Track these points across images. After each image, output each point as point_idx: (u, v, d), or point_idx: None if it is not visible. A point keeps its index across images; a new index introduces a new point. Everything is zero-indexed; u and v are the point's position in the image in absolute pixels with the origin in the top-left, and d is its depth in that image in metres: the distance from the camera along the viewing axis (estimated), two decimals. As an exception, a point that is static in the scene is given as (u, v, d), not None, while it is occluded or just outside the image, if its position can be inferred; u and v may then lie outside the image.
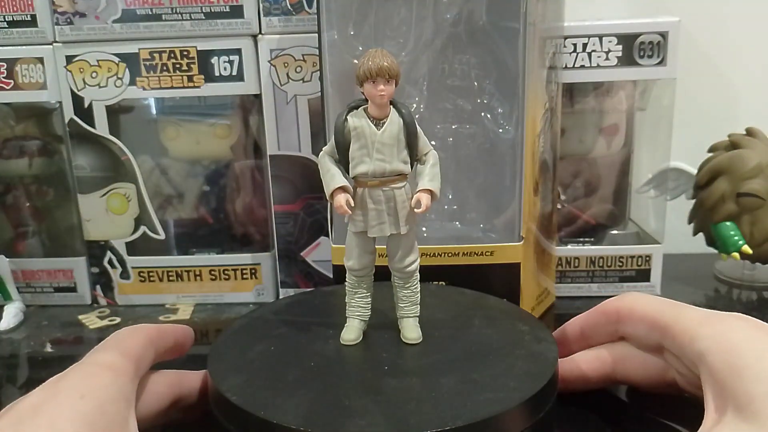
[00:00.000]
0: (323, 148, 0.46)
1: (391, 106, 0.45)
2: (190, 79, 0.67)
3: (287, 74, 0.66)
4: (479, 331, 0.50)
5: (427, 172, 0.46)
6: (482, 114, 0.60)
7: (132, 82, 0.67)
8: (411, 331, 0.48)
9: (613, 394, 0.54)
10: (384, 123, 0.45)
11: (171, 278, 0.72)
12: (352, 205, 0.45)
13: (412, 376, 0.44)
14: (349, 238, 0.48)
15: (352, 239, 0.47)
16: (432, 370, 0.45)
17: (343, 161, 0.45)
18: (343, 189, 0.44)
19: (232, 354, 0.48)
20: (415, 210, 0.45)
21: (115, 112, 0.69)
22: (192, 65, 0.66)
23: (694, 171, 0.72)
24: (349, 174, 0.45)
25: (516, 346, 0.48)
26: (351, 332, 0.48)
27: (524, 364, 0.45)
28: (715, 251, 0.71)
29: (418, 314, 0.49)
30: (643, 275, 0.71)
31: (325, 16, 0.58)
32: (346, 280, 0.49)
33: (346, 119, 0.45)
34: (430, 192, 0.45)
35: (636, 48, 0.65)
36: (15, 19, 0.66)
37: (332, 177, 0.45)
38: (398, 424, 0.39)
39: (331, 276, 0.64)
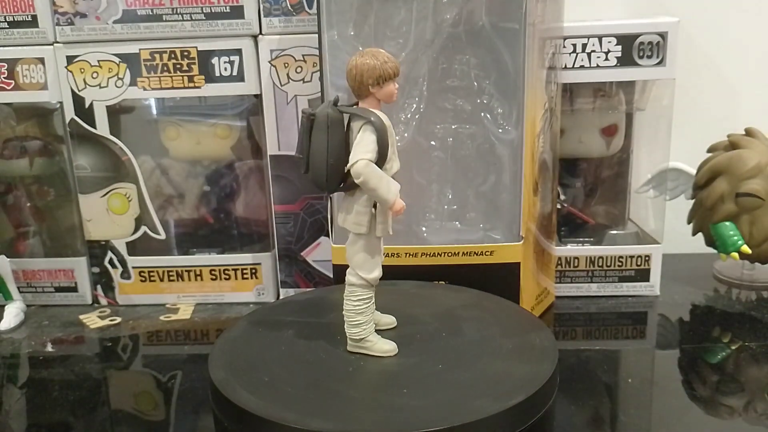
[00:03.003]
0: (364, 157, 0.43)
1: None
2: (190, 79, 0.67)
3: (287, 75, 0.66)
4: (479, 330, 0.50)
5: None
6: (482, 114, 0.60)
7: (133, 83, 0.67)
8: (385, 316, 0.51)
9: (612, 393, 0.54)
10: None
11: (171, 278, 0.72)
12: None
13: (413, 375, 0.45)
14: (371, 247, 0.46)
15: (376, 246, 0.46)
16: (432, 368, 0.45)
17: (379, 164, 0.44)
18: None
19: (233, 354, 0.48)
20: None
21: (115, 112, 0.69)
22: (192, 66, 0.67)
23: (694, 171, 0.72)
24: None
25: (516, 345, 0.48)
26: (387, 342, 0.48)
27: (524, 362, 0.45)
28: (715, 251, 0.71)
29: None
30: (643, 275, 0.71)
31: (325, 17, 0.58)
32: (360, 298, 0.47)
33: (383, 121, 0.44)
34: None
35: (635, 48, 0.65)
36: (16, 19, 0.67)
37: (390, 181, 0.44)
38: (400, 423, 0.39)
39: (331, 276, 0.64)
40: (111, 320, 0.70)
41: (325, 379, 0.44)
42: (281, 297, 0.72)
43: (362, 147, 0.43)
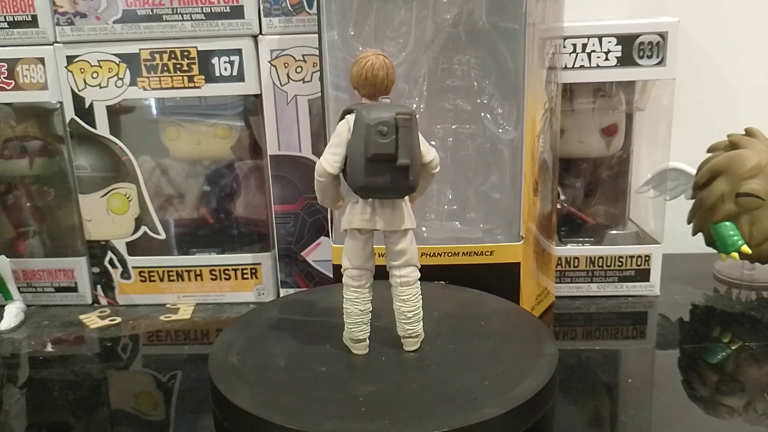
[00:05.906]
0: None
1: None
2: (190, 79, 0.67)
3: (287, 75, 0.66)
4: (479, 331, 0.50)
5: None
6: (482, 114, 0.60)
7: (133, 83, 0.67)
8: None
9: (612, 393, 0.54)
10: None
11: (172, 278, 0.72)
12: None
13: (414, 377, 0.45)
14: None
15: None
16: (433, 370, 0.45)
17: None
18: None
19: (233, 354, 0.48)
20: None
21: (115, 112, 0.69)
22: (192, 65, 0.67)
23: (694, 171, 0.72)
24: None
25: (515, 346, 0.48)
26: None
27: (524, 363, 0.45)
28: (715, 251, 0.72)
29: None
30: (643, 275, 0.71)
31: (325, 17, 0.58)
32: (420, 290, 0.47)
33: None
34: None
35: (635, 48, 0.65)
36: (16, 19, 0.67)
37: None
38: (401, 424, 0.39)
39: (331, 276, 0.64)
40: (111, 320, 0.70)
41: (325, 378, 0.44)
42: (281, 297, 0.72)
43: (423, 141, 0.44)
